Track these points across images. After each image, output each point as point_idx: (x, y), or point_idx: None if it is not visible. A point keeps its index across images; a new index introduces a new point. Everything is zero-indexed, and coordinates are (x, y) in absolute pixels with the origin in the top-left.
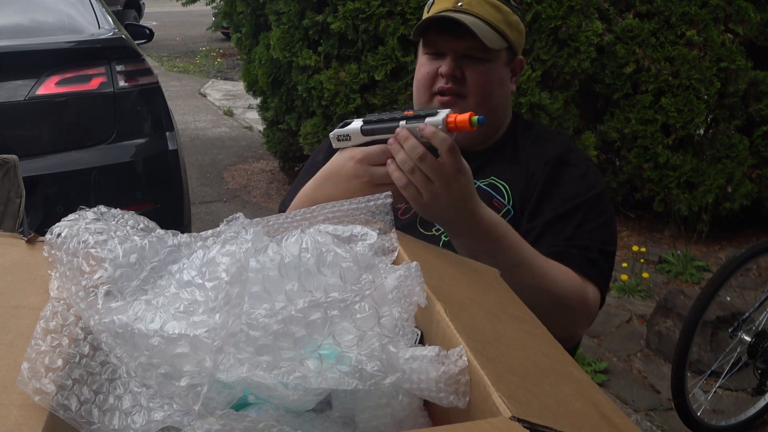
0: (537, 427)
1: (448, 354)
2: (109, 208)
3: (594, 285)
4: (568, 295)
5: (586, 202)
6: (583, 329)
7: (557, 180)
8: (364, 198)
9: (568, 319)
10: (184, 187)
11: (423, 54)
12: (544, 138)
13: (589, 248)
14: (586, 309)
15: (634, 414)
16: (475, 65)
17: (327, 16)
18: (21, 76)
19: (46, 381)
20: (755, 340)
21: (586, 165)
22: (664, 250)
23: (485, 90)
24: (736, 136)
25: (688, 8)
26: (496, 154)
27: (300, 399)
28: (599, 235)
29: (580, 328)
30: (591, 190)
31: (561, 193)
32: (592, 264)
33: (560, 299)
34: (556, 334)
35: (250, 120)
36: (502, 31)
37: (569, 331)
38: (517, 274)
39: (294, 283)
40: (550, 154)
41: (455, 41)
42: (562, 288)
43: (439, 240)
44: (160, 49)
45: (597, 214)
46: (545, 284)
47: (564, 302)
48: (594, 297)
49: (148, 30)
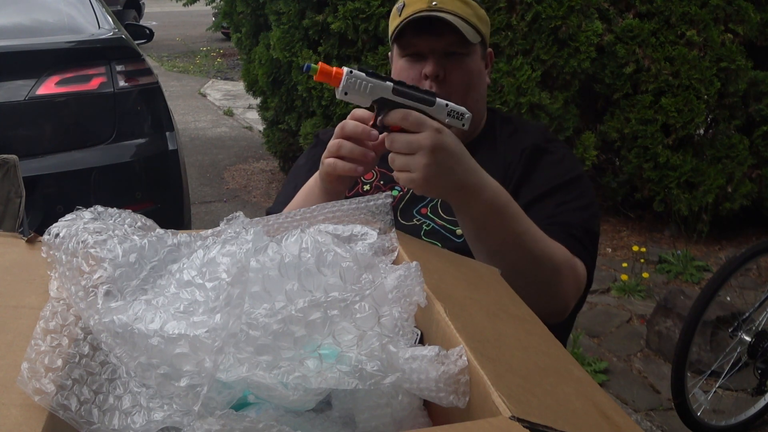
0: (537, 426)
1: (447, 354)
2: (106, 208)
3: (580, 261)
4: (563, 264)
5: (565, 183)
6: (573, 300)
7: (534, 166)
8: (364, 198)
9: (564, 289)
10: (184, 187)
11: (401, 57)
12: (522, 130)
13: (572, 225)
14: (577, 279)
15: (634, 414)
16: (456, 62)
17: (327, 16)
18: (21, 76)
19: (46, 381)
20: (755, 340)
21: (563, 152)
22: (664, 250)
23: (468, 84)
24: (736, 136)
25: (688, 8)
26: (475, 149)
27: (300, 399)
28: (580, 215)
29: (571, 299)
30: (569, 173)
31: (539, 177)
32: (576, 240)
33: (557, 268)
34: (551, 306)
35: (250, 120)
36: (475, 25)
37: (563, 301)
38: (521, 243)
39: (294, 282)
40: (526, 142)
41: (434, 40)
42: (558, 257)
43: (420, 229)
44: (160, 49)
45: (577, 195)
46: (546, 253)
47: (560, 271)
48: (582, 270)
49: (148, 30)
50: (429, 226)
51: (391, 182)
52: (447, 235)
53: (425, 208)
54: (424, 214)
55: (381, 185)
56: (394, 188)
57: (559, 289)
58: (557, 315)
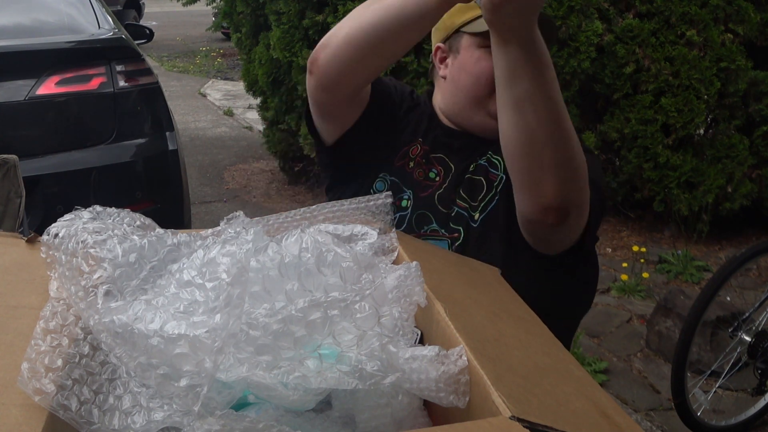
0: (537, 426)
1: (447, 354)
2: (105, 207)
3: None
4: (582, 164)
5: None
6: (575, 217)
7: None
8: (364, 198)
9: (576, 187)
10: (184, 187)
11: (479, 47)
12: None
13: None
14: (584, 199)
15: (634, 414)
16: None
17: (327, 16)
18: (21, 76)
19: (46, 381)
20: (755, 340)
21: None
22: (664, 250)
23: None
24: (736, 136)
25: (688, 8)
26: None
27: (300, 399)
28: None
29: (581, 217)
30: None
31: None
32: None
33: (575, 158)
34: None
35: (250, 120)
36: None
37: (579, 198)
38: (556, 112)
39: (294, 282)
40: None
41: None
42: (581, 156)
43: None
44: (160, 49)
45: None
46: (571, 135)
47: (577, 166)
48: (587, 210)
49: (148, 30)
50: (454, 211)
51: (429, 164)
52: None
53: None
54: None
55: (422, 162)
56: (431, 170)
57: (573, 185)
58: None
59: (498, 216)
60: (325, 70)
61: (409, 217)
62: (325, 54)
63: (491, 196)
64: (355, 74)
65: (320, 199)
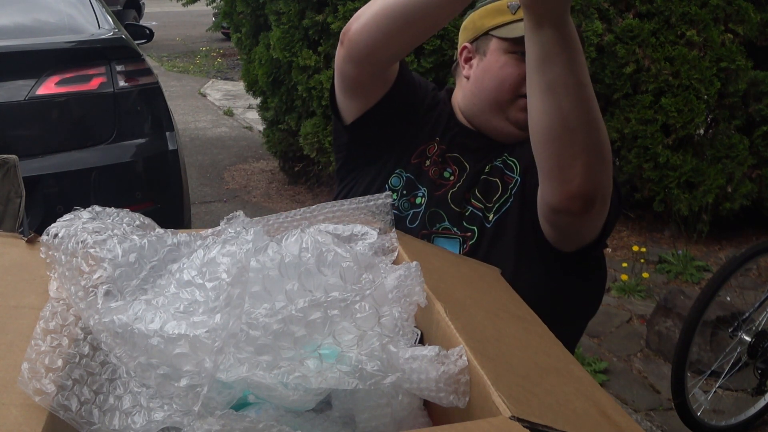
0: (537, 426)
1: (448, 354)
2: (104, 207)
3: None
4: (608, 151)
5: None
6: (599, 204)
7: None
8: (364, 198)
9: (601, 175)
10: (184, 187)
11: (506, 53)
12: None
13: None
14: (607, 188)
15: (634, 414)
16: None
17: (327, 16)
18: (21, 76)
19: (46, 381)
20: (755, 340)
21: None
22: (664, 250)
23: None
24: (736, 136)
25: (688, 8)
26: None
27: (300, 399)
28: None
29: (605, 207)
30: None
31: None
32: None
33: (603, 145)
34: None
35: (250, 120)
36: None
37: (605, 187)
38: (587, 97)
39: (294, 282)
40: None
41: None
42: (608, 143)
43: None
44: (160, 49)
45: None
46: (600, 122)
47: (604, 153)
48: (608, 201)
49: (148, 30)
50: (468, 211)
51: (444, 164)
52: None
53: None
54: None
55: (438, 161)
56: (446, 170)
57: (601, 172)
58: (579, 207)
59: (512, 218)
60: (355, 41)
61: (422, 215)
62: (357, 24)
63: (506, 198)
64: (383, 48)
65: (320, 199)
